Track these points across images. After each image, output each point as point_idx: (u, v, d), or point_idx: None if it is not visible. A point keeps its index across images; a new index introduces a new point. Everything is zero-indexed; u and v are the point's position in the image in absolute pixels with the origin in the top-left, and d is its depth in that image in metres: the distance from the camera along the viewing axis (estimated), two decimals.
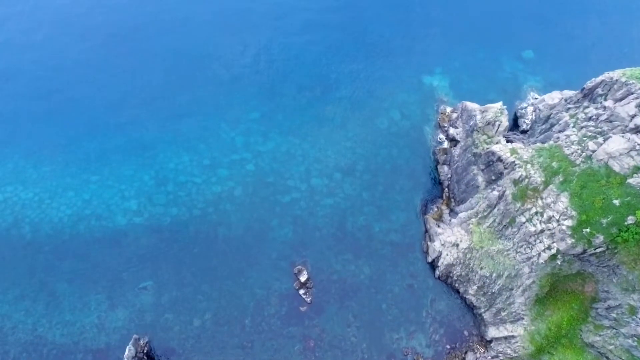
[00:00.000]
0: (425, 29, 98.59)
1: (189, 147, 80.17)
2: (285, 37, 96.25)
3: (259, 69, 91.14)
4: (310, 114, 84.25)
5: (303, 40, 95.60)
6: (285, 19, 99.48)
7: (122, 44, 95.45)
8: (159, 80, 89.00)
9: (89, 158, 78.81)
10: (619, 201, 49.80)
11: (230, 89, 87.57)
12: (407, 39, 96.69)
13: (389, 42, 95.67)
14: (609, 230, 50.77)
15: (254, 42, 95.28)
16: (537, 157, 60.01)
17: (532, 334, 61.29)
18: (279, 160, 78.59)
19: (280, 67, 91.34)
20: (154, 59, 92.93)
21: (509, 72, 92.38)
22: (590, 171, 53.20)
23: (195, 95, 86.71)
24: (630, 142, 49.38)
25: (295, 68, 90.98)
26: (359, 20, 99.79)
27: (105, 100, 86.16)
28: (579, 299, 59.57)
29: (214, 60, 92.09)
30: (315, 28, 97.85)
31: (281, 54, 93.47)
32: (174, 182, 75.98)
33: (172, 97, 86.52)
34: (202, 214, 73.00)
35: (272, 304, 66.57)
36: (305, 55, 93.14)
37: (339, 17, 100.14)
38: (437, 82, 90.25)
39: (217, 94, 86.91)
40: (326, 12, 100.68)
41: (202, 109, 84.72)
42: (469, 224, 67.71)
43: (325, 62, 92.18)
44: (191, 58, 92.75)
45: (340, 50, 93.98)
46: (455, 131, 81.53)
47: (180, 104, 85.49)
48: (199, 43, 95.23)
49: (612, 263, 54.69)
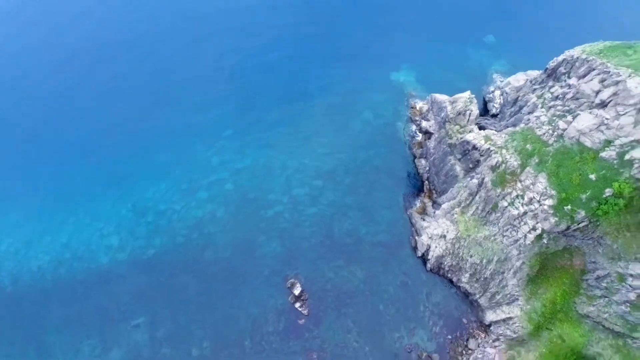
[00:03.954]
0: (387, 29, 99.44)
1: (164, 173, 78.61)
2: (254, 53, 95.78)
3: (229, 86, 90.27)
4: (284, 125, 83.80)
5: (271, 54, 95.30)
6: (254, 36, 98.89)
7: (87, 70, 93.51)
8: (128, 106, 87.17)
9: (62, 198, 76.54)
10: (594, 176, 50.91)
11: (202, 108, 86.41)
12: (372, 41, 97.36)
13: (354, 47, 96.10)
14: (589, 204, 51.88)
15: (223, 61, 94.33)
16: (511, 141, 60.98)
17: (528, 313, 62.19)
18: (257, 176, 77.80)
19: (250, 83, 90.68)
20: (121, 84, 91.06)
21: (473, 59, 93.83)
22: (564, 150, 54.28)
23: (166, 119, 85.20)
24: (598, 117, 50.53)
25: (265, 82, 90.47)
26: (324, 30, 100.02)
27: (71, 133, 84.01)
28: (568, 273, 60.72)
29: (184, 82, 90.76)
30: (283, 42, 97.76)
31: (250, 70, 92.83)
32: (153, 211, 74.37)
33: (142, 122, 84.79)
34: (186, 240, 71.64)
35: (270, 322, 65.76)
36: (275, 68, 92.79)
37: (305, 30, 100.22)
38: (405, 77, 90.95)
39: (189, 114, 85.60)
40: (293, 27, 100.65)
41: (175, 132, 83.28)
42: (453, 214, 68.32)
43: (295, 73, 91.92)
44: (160, 81, 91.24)
45: (308, 60, 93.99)
46: (427, 124, 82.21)
47: (152, 128, 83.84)
48: (167, 65, 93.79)
49: (596, 235, 55.92)
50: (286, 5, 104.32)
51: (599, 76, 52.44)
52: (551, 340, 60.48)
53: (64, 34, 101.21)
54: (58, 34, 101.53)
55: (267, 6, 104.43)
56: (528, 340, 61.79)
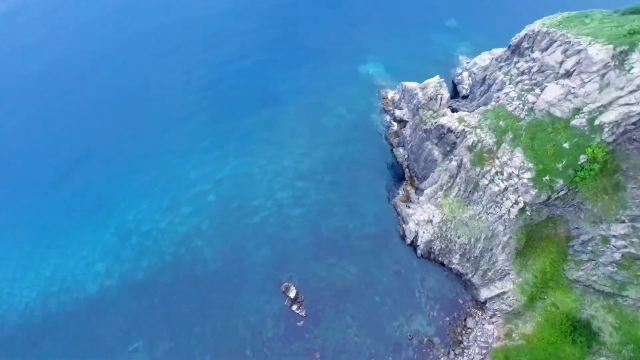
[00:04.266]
0: (350, 24, 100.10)
1: (144, 192, 77.34)
2: (221, 62, 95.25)
3: (200, 98, 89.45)
4: (259, 131, 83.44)
5: (239, 62, 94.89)
6: (219, 46, 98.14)
7: (54, 95, 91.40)
8: (99, 129, 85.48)
9: (40, 230, 74.59)
10: (568, 144, 52.17)
11: (174, 123, 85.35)
12: (337, 38, 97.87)
13: (320, 45, 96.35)
14: (566, 173, 53.17)
15: (191, 73, 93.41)
16: (484, 120, 61.99)
17: (521, 285, 63.38)
18: (239, 184, 77.24)
19: (221, 92, 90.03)
20: (90, 106, 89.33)
21: (438, 43, 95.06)
22: (536, 122, 55.48)
23: (140, 137, 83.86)
24: (564, 87, 51.76)
25: (236, 90, 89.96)
26: (288, 32, 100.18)
27: (43, 161, 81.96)
28: (554, 242, 62.10)
29: (154, 98, 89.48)
30: (249, 48, 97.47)
31: (220, 79, 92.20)
32: (137, 233, 73.12)
33: (115, 143, 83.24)
34: (175, 257, 70.67)
35: (269, 327, 65.40)
36: (244, 75, 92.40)
37: (269, 34, 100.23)
38: (373, 69, 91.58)
39: (163, 131, 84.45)
40: (257, 32, 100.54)
41: (150, 150, 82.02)
42: (437, 198, 69.10)
43: (264, 78, 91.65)
44: (129, 99, 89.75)
45: (276, 63, 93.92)
46: (401, 112, 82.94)
47: (126, 149, 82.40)
48: (134, 83, 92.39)
49: (576, 202, 57.32)
50: (247, 11, 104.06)
51: (561, 47, 53.73)
52: (545, 309, 61.81)
53: (28, 59, 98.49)
54: (23, 60, 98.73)
55: (228, 14, 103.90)
56: (524, 312, 63.01)
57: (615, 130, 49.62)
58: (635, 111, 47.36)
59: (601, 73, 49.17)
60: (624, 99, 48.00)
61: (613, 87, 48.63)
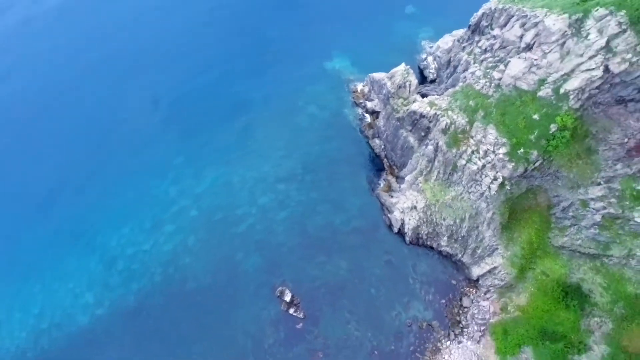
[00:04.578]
0: (310, 22, 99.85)
1: (124, 216, 75.93)
2: (186, 77, 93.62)
3: (170, 114, 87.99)
4: (234, 140, 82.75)
5: (205, 74, 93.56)
6: (182, 61, 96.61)
7: (19, 125, 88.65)
8: (70, 158, 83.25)
9: (23, 268, 72.60)
10: (537, 115, 53.24)
11: (146, 143, 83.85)
12: (298, 38, 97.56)
13: (283, 47, 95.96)
14: (539, 143, 54.27)
15: (158, 91, 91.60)
16: (454, 101, 62.78)
17: (510, 258, 64.46)
18: (220, 195, 76.54)
19: (190, 107, 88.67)
20: (57, 135, 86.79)
21: (400, 31, 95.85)
22: (504, 98, 56.44)
23: (113, 162, 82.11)
24: (527, 60, 52.77)
25: (205, 102, 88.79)
26: (249, 39, 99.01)
27: (17, 194, 79.58)
28: (537, 212, 63.34)
29: (123, 121, 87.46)
30: (214, 60, 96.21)
31: (187, 94, 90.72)
32: (122, 258, 71.82)
33: (88, 171, 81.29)
34: (164, 277, 69.68)
35: (269, 334, 65.12)
36: (211, 87, 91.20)
37: (230, 43, 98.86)
38: (339, 64, 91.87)
39: (135, 152, 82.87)
40: (218, 43, 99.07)
41: (125, 173, 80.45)
42: (418, 184, 69.71)
43: (232, 87, 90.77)
44: (97, 124, 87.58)
45: (242, 71, 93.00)
46: (372, 104, 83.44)
47: (101, 175, 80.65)
48: (101, 107, 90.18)
49: (552, 170, 58.60)
50: (206, 24, 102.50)
51: (519, 22, 54.75)
52: (536, 278, 63.05)
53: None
54: None
55: (187, 29, 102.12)
56: (516, 284, 64.15)
57: (581, 97, 50.82)
58: (596, 76, 48.59)
59: (560, 42, 50.28)
60: (585, 65, 49.19)
61: (573, 55, 49.77)
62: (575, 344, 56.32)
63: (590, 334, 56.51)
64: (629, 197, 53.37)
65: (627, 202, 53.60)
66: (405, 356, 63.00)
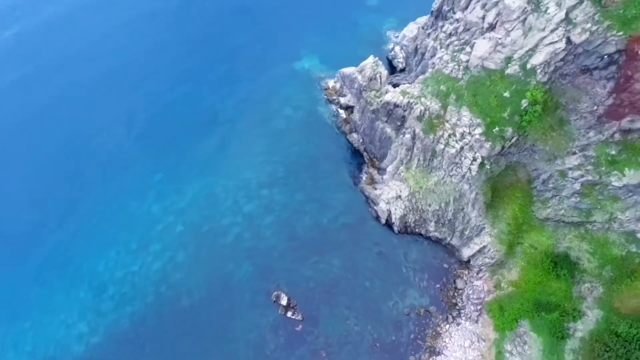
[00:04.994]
0: (274, 26, 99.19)
1: (109, 240, 74.35)
2: (158, 94, 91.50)
3: (144, 132, 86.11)
4: (212, 151, 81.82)
5: (175, 89, 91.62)
6: (153, 78, 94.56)
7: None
8: (46, 186, 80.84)
9: (11, 306, 70.47)
10: (508, 93, 54.17)
11: (124, 164, 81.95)
12: (264, 42, 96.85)
13: (250, 54, 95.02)
14: (513, 120, 55.27)
15: (131, 111, 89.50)
16: (426, 88, 63.37)
17: (497, 236, 65.42)
18: (204, 207, 75.72)
19: (165, 123, 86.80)
20: (32, 164, 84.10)
21: (364, 24, 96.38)
22: (474, 79, 57.22)
23: (91, 186, 79.95)
24: (492, 40, 53.59)
25: (179, 117, 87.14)
26: (215, 50, 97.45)
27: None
28: (518, 187, 64.43)
29: (98, 144, 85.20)
30: (183, 74, 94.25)
31: (161, 111, 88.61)
32: (112, 283, 70.41)
33: (67, 199, 79.07)
34: (157, 297, 68.58)
35: (269, 340, 64.75)
36: (184, 101, 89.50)
37: (198, 56, 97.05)
38: (308, 63, 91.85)
39: (114, 174, 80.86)
40: (186, 57, 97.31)
41: (105, 196, 78.59)
42: (400, 173, 70.18)
43: (204, 99, 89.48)
44: (73, 150, 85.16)
45: (212, 82, 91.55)
46: (346, 99, 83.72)
47: (80, 201, 78.55)
48: (75, 132, 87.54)
49: (528, 145, 59.74)
50: (170, 38, 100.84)
51: (479, 3, 55.55)
52: (525, 252, 64.18)
53: None
54: None
55: (151, 46, 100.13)
56: (506, 261, 65.15)
57: (547, 70, 51.86)
58: (560, 48, 49.66)
59: (521, 19, 51.21)
60: (547, 39, 50.22)
61: (535, 30, 50.74)
62: (570, 312, 57.50)
63: (582, 300, 57.76)
64: (605, 163, 54.68)
65: (604, 168, 54.93)
66: (407, 345, 63.44)
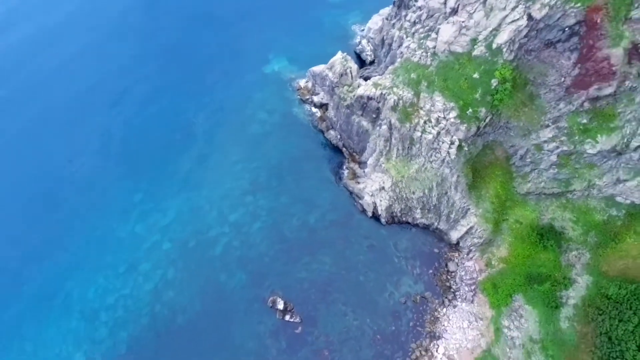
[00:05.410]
0: (239, 31, 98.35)
1: (95, 266, 72.82)
2: (130, 114, 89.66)
3: (121, 152, 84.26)
4: (190, 163, 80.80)
5: (148, 107, 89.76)
6: (123, 99, 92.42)
7: None
8: (25, 217, 78.74)
9: (1, 343, 68.48)
10: (477, 74, 55.00)
11: (103, 186, 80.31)
12: (231, 49, 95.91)
13: (218, 63, 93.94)
14: (485, 100, 56.15)
15: (105, 133, 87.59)
16: (397, 78, 63.87)
17: (483, 215, 66.38)
18: (189, 222, 74.82)
19: (140, 142, 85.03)
20: (7, 193, 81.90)
21: (329, 21, 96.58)
22: (443, 64, 57.93)
23: (71, 214, 77.96)
24: (455, 24, 54.31)
25: (154, 134, 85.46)
26: (182, 64, 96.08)
27: None
28: (497, 165, 65.51)
29: (74, 169, 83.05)
30: (154, 91, 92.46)
31: (135, 131, 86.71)
32: (104, 308, 69.01)
33: (47, 227, 77.00)
34: (152, 317, 67.49)
35: (270, 346, 64.44)
36: (157, 119, 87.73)
37: (167, 73, 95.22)
38: (278, 65, 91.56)
39: (93, 199, 79.07)
40: (155, 74, 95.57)
41: (87, 221, 76.87)
42: (381, 165, 70.61)
43: (177, 114, 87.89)
44: (50, 175, 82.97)
45: (183, 96, 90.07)
46: (319, 97, 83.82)
47: (61, 230, 76.58)
48: (50, 157, 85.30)
49: (502, 123, 60.77)
50: (138, 56, 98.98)
51: None
52: (511, 228, 65.34)
53: None
54: None
55: (119, 66, 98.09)
56: (494, 239, 66.20)
57: (513, 48, 52.82)
58: (522, 25, 50.63)
59: (482, 0, 52.01)
60: (509, 17, 51.17)
61: (497, 10, 51.64)
62: (561, 281, 58.78)
63: (572, 268, 59.11)
64: (577, 132, 56.05)
65: (577, 137, 56.29)
66: (407, 333, 63.95)
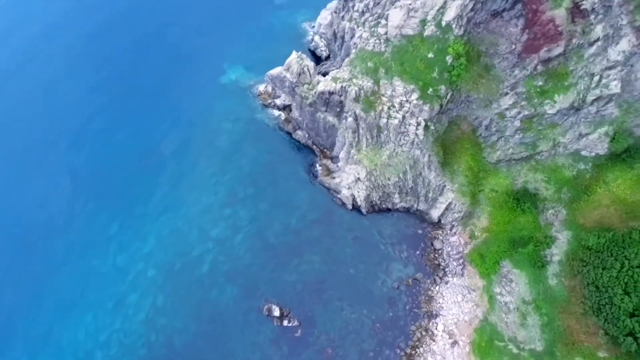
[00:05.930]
0: (190, 46, 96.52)
1: (82, 306, 70.72)
2: (95, 143, 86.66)
3: (89, 185, 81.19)
4: (162, 185, 79.07)
5: (113, 133, 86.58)
6: (86, 128, 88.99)
7: None
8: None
9: None
10: (432, 53, 55.93)
11: (76, 223, 77.64)
12: (185, 65, 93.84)
13: (174, 79, 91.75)
14: (443, 77, 57.20)
15: (70, 167, 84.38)
16: (354, 69, 64.29)
17: (459, 190, 67.66)
18: (171, 244, 73.41)
19: (107, 169, 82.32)
20: None
21: (278, 22, 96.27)
22: (397, 49, 58.65)
23: (48, 256, 74.98)
24: (403, 7, 55.04)
25: (120, 160, 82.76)
26: (139, 85, 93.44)
27: None
28: (465, 139, 66.91)
29: (45, 209, 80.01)
30: (114, 116, 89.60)
31: (102, 158, 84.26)
32: (97, 347, 67.08)
33: (25, 274, 73.92)
34: (149, 347, 66.02)
35: (272, 354, 64.15)
36: (122, 143, 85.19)
37: (124, 96, 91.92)
38: (234, 74, 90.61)
39: (68, 237, 76.26)
40: (113, 99, 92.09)
41: (64, 262, 74.15)
42: (353, 156, 71.00)
43: (139, 138, 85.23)
44: (18, 223, 79.40)
45: (143, 119, 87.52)
46: (280, 100, 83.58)
47: (40, 274, 73.59)
48: (19, 200, 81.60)
49: (463, 97, 62.08)
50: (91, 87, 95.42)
51: None
52: (488, 197, 66.89)
53: None
54: None
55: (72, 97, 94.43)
56: (473, 210, 67.66)
57: (461, 23, 53.93)
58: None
59: None
60: None
61: None
62: (542, 240, 60.59)
63: (551, 226, 61.00)
64: (535, 95, 57.79)
65: (536, 100, 58.04)
66: (405, 316, 64.83)
